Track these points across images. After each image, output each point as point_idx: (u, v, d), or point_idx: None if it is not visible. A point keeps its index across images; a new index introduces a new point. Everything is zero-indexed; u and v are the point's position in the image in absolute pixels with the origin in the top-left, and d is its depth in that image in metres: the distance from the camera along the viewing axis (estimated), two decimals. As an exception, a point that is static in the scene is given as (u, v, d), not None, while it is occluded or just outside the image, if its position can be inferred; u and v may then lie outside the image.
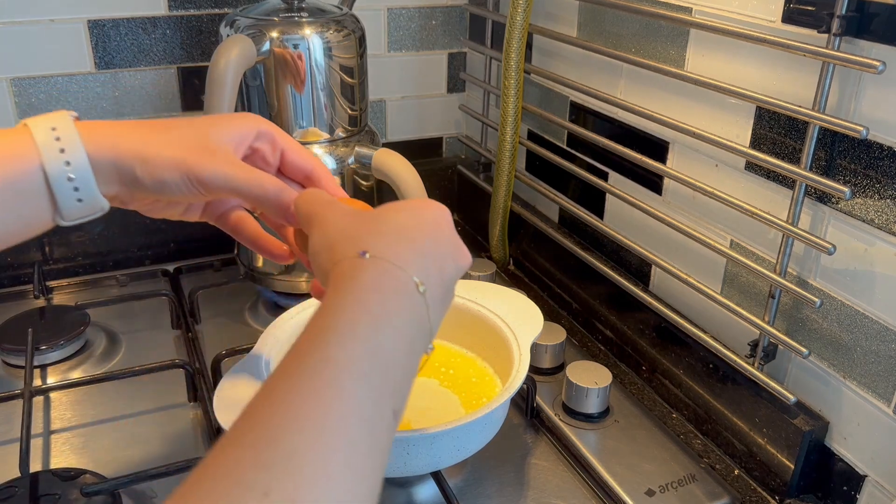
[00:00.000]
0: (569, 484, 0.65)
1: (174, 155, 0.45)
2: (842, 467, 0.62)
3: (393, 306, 0.38)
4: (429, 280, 0.40)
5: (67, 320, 0.83)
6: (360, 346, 0.35)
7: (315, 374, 0.33)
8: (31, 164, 0.43)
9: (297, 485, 0.28)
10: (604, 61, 0.83)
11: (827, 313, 0.62)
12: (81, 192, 0.44)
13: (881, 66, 0.52)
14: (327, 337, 0.35)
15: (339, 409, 0.32)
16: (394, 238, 0.41)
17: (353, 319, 0.36)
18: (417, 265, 0.40)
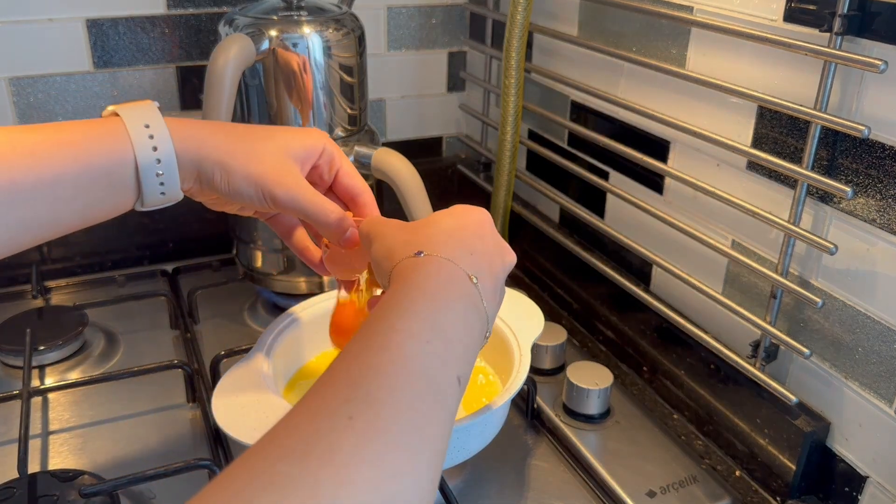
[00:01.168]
0: (569, 485, 0.65)
1: (254, 171, 0.50)
2: (843, 468, 0.62)
3: (449, 292, 0.42)
4: (480, 274, 0.44)
5: (66, 321, 0.83)
6: (421, 319, 0.39)
7: (383, 338, 0.37)
8: (125, 157, 0.47)
9: (375, 412, 0.33)
10: (605, 60, 0.82)
11: (828, 313, 0.62)
12: (166, 186, 0.48)
13: (883, 66, 0.51)
14: (391, 314, 0.39)
15: (406, 364, 0.36)
16: (445, 239, 0.45)
17: (414, 299, 0.40)
18: (468, 260, 0.44)
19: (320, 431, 0.31)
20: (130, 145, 0.47)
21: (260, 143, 0.51)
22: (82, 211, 0.47)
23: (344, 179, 0.56)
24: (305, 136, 0.54)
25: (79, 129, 0.46)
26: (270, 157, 0.51)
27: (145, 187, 0.48)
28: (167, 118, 0.48)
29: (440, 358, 0.38)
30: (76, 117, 0.93)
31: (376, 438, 0.32)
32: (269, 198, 0.50)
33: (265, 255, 0.85)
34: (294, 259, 0.84)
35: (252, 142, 0.51)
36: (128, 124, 0.47)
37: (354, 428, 0.32)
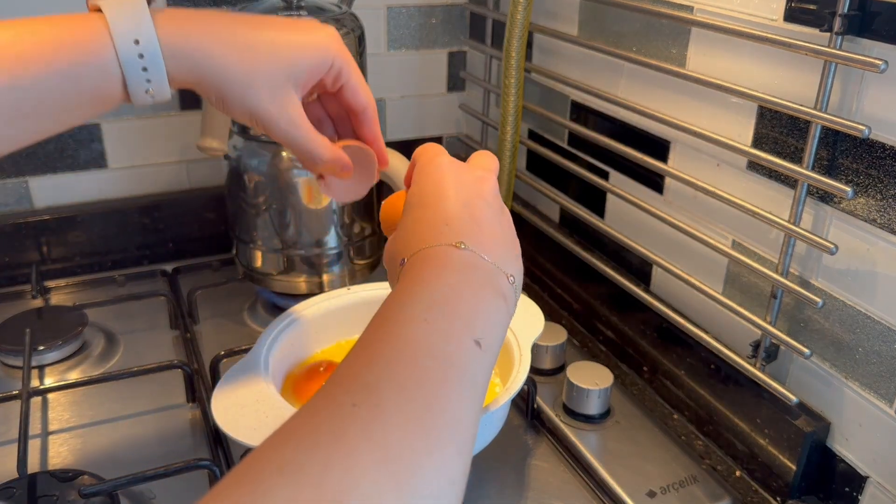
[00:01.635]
0: (569, 485, 0.65)
1: (250, 104, 0.48)
2: (843, 468, 0.62)
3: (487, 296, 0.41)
4: (517, 275, 0.45)
5: (65, 321, 0.83)
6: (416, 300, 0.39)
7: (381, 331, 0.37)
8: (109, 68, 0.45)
9: (378, 397, 0.32)
10: (605, 60, 0.82)
11: (829, 313, 0.61)
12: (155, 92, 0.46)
13: (883, 66, 0.51)
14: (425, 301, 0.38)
15: (404, 347, 0.35)
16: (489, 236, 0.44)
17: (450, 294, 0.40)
18: (513, 266, 0.45)
19: (326, 421, 0.31)
20: (118, 64, 0.44)
21: (261, 60, 0.48)
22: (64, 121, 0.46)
23: (348, 93, 0.53)
24: (313, 50, 0.50)
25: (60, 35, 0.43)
26: (269, 83, 0.48)
27: (133, 97, 0.46)
28: (158, 17, 0.45)
29: (442, 330, 0.37)
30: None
31: (383, 420, 0.31)
32: (263, 130, 0.50)
33: (265, 255, 0.85)
34: (294, 259, 0.84)
35: (252, 57, 0.48)
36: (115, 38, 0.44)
37: (359, 414, 0.31)
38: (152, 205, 0.99)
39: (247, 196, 0.83)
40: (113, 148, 0.97)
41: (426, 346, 0.36)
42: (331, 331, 0.72)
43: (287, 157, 0.79)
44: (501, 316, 0.42)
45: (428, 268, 0.41)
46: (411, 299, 0.39)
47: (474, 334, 0.38)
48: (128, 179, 0.99)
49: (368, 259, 0.88)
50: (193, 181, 1.02)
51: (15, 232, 0.93)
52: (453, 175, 0.47)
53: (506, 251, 0.45)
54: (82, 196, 0.97)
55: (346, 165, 0.53)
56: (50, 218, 0.94)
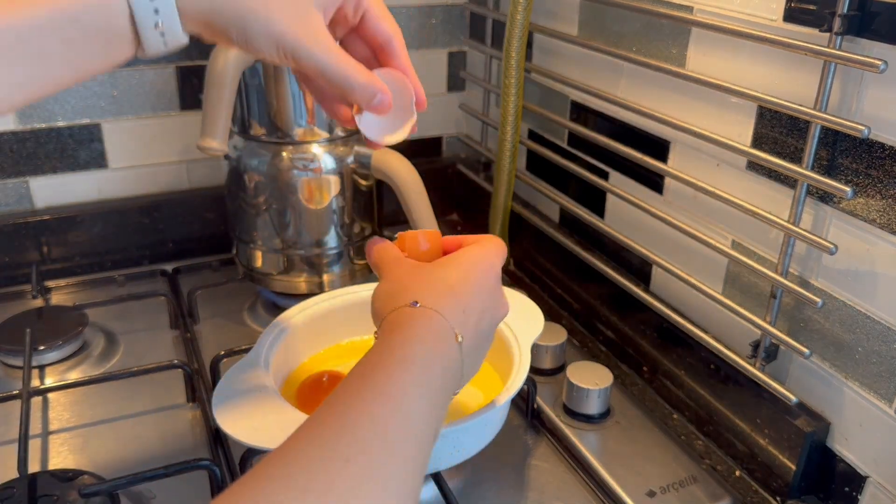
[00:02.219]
0: (569, 485, 0.65)
1: (274, 30, 0.45)
2: (843, 468, 0.62)
3: (438, 347, 0.45)
4: (466, 332, 0.47)
5: (65, 320, 0.83)
6: (416, 373, 0.42)
7: (383, 387, 0.40)
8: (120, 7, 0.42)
9: (369, 458, 0.35)
10: (605, 60, 0.82)
11: (828, 313, 0.62)
12: (167, 37, 0.43)
13: (883, 66, 0.51)
14: (389, 363, 0.42)
15: (403, 419, 0.39)
16: (442, 293, 0.48)
17: (411, 352, 0.43)
18: (458, 319, 0.47)
19: (319, 468, 0.34)
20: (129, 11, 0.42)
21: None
22: (77, 67, 0.42)
23: (371, 23, 0.51)
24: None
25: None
26: (292, 9, 0.45)
27: (144, 40, 0.43)
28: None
29: (428, 415, 0.41)
30: (76, 118, 0.93)
31: (370, 481, 0.35)
32: (290, 59, 0.46)
33: (265, 255, 0.85)
34: (294, 259, 0.84)
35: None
36: None
37: (350, 470, 0.34)
38: (152, 205, 0.99)
39: (247, 196, 0.83)
40: (113, 148, 0.97)
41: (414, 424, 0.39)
42: (331, 331, 0.72)
43: (287, 156, 0.79)
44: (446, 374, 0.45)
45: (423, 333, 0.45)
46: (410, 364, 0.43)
47: (437, 426, 0.42)
48: (128, 179, 0.99)
49: (368, 259, 0.88)
50: (193, 181, 1.02)
51: (15, 232, 0.93)
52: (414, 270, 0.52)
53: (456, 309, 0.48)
54: (82, 196, 0.97)
55: (383, 90, 0.50)
56: (50, 218, 0.94)
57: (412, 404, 0.40)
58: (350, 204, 0.83)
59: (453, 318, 0.47)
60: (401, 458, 0.37)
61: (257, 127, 0.80)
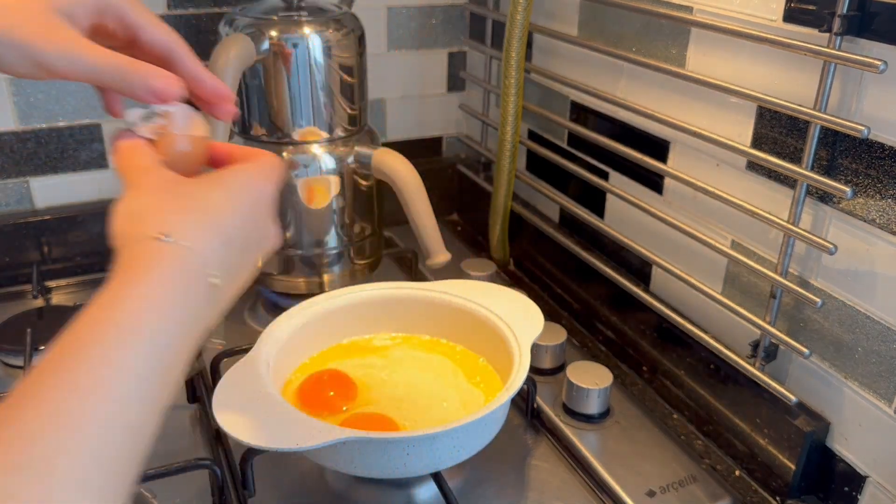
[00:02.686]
0: (569, 485, 0.65)
1: (15, 36, 0.40)
2: (843, 468, 0.62)
3: (182, 301, 0.37)
4: (225, 271, 0.39)
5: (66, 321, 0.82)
6: (142, 348, 0.34)
7: (87, 376, 0.32)
8: None
9: (47, 485, 0.28)
10: (604, 60, 0.82)
11: (828, 313, 0.62)
12: None
13: (882, 66, 0.51)
14: (108, 335, 0.34)
15: (105, 415, 0.31)
16: (202, 221, 0.39)
17: (140, 319, 0.35)
18: (216, 256, 0.39)
19: None
20: None
21: (14, 6, 0.41)
22: None
23: (146, 35, 0.45)
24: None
25: None
26: (22, 9, 0.40)
27: None
28: None
29: (151, 396, 0.34)
30: (76, 117, 0.93)
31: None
32: (41, 66, 0.41)
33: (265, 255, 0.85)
34: (294, 259, 0.84)
35: (5, 7, 0.41)
36: None
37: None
38: (153, 205, 0.99)
39: (247, 196, 0.82)
40: (113, 148, 0.97)
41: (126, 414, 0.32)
42: (331, 331, 0.72)
43: (287, 157, 0.79)
44: None
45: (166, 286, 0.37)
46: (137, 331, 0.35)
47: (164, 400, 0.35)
48: (128, 179, 0.99)
49: (369, 259, 0.88)
50: (194, 181, 1.02)
51: (16, 232, 0.93)
52: None
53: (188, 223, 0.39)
54: (83, 196, 0.97)
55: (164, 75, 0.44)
56: (51, 218, 0.94)
57: (128, 393, 0.32)
58: (350, 204, 0.83)
59: (210, 254, 0.38)
60: (93, 465, 0.30)
61: (257, 127, 0.80)
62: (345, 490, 0.64)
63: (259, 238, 0.43)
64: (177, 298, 0.37)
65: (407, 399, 0.65)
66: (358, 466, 0.58)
